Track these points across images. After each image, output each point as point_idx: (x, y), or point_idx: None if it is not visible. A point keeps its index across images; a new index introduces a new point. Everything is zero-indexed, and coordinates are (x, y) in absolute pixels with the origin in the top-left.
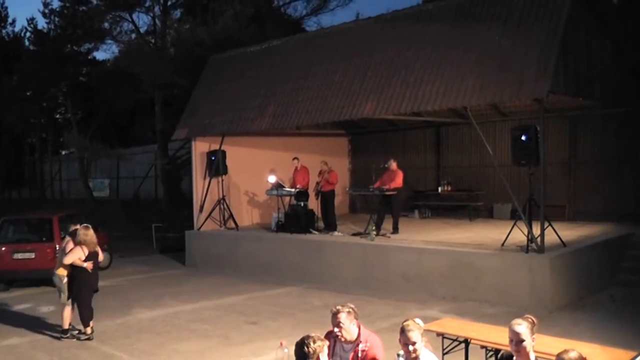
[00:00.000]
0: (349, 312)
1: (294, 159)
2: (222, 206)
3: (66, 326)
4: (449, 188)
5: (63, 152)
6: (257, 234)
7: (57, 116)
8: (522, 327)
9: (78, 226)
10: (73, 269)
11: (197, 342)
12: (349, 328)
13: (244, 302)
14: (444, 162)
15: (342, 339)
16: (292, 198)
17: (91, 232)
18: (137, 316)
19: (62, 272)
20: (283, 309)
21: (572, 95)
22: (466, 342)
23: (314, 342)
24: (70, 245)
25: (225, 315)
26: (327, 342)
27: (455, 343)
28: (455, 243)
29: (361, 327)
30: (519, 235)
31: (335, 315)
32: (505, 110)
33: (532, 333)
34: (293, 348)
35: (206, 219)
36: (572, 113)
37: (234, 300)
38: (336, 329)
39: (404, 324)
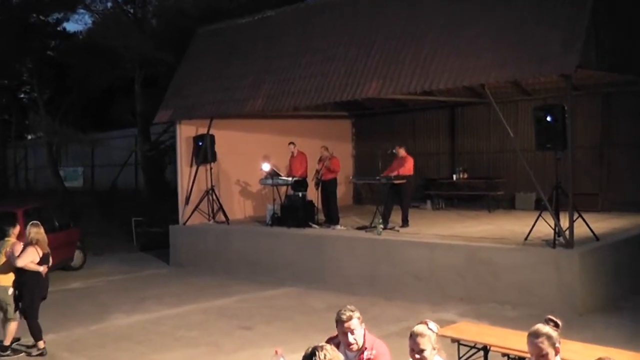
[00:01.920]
0: (359, 317)
1: (290, 143)
2: (210, 197)
3: (8, 342)
4: (465, 176)
5: (29, 137)
6: (250, 228)
7: (22, 96)
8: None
9: (17, 228)
10: (21, 274)
11: (183, 352)
12: (359, 334)
13: (235, 304)
14: (459, 147)
15: (354, 348)
16: (289, 188)
17: (42, 229)
18: (115, 322)
19: (6, 281)
20: (279, 311)
21: (605, 70)
22: (485, 349)
23: (327, 354)
24: (19, 246)
25: (214, 320)
26: (341, 356)
27: (473, 350)
28: (472, 237)
29: (366, 332)
30: (544, 227)
31: (346, 321)
32: (528, 87)
33: (555, 343)
34: (290, 357)
35: (193, 212)
36: (606, 90)
37: (225, 303)
38: (350, 337)
39: (415, 327)
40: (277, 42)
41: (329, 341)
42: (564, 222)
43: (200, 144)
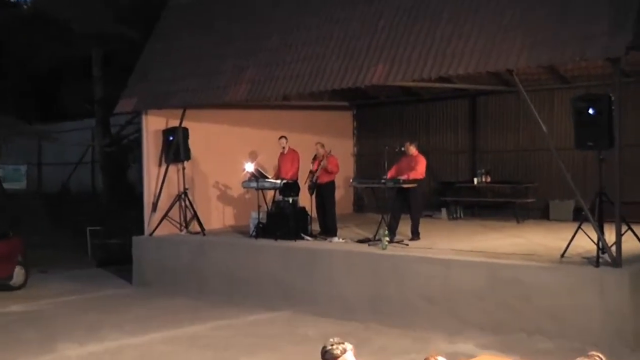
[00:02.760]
0: (352, 348)
1: (281, 137)
2: (183, 203)
3: None
4: (488, 179)
5: None
6: (230, 240)
7: None
8: None
9: None
10: None
11: None
12: None
13: (211, 332)
14: (481, 145)
15: None
16: (278, 192)
17: None
18: (65, 353)
19: None
20: (265, 340)
21: None
22: None
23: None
24: None
25: (184, 351)
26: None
27: None
28: (497, 253)
29: None
30: (585, 242)
31: (338, 356)
32: (566, 74)
33: None
34: None
35: (161, 221)
36: None
37: (198, 331)
38: None
39: None
40: (265, 18)
41: None
42: (610, 236)
43: (171, 138)
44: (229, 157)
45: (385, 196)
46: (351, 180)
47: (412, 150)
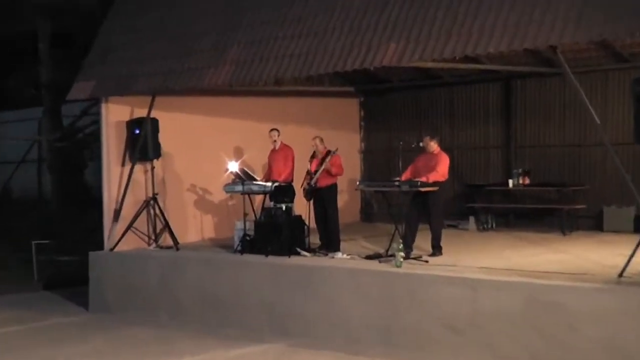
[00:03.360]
0: None
1: (272, 130)
2: (152, 211)
3: None
4: (527, 181)
5: None
6: (210, 256)
7: None
8: None
9: None
10: None
11: None
12: None
13: None
14: (517, 138)
15: None
16: (268, 197)
17: None
18: None
19: None
20: None
21: None
22: None
23: None
24: None
25: None
26: None
27: None
28: (538, 271)
29: None
30: None
31: None
32: (623, 51)
33: None
34: None
35: (125, 232)
36: None
37: None
38: None
39: None
40: None
41: None
42: None
43: (138, 132)
44: (208, 155)
45: (399, 202)
46: (357, 183)
47: (433, 146)
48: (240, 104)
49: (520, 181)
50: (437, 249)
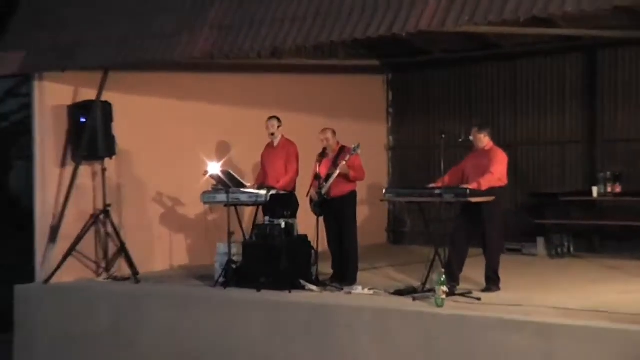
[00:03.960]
0: None
1: (270, 119)
2: (102, 229)
3: None
4: (618, 189)
5: None
6: (181, 291)
7: None
8: None
9: None
10: None
11: None
12: None
13: None
14: (605, 131)
15: None
16: (261, 211)
17: None
18: None
19: None
20: None
21: None
22: None
23: None
24: None
25: None
26: None
27: None
28: (633, 314)
29: None
30: None
31: None
32: None
33: None
34: None
35: (65, 258)
36: None
37: None
38: None
39: None
40: None
41: None
42: None
43: (84, 120)
44: (180, 153)
45: (440, 217)
46: (384, 191)
47: (482, 140)
48: (224, 83)
49: (609, 189)
50: (493, 282)
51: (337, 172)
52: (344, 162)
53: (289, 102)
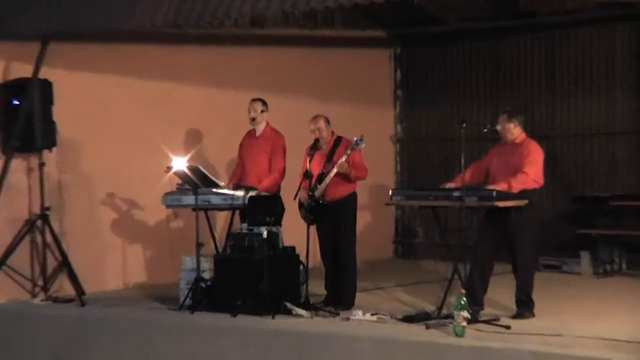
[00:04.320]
0: None
1: (254, 102)
2: (40, 238)
3: None
4: None
5: None
6: (139, 316)
7: None
8: None
9: None
10: None
11: None
12: None
13: None
14: None
15: None
16: (237, 215)
17: None
18: None
19: None
20: None
21: None
22: None
23: None
24: None
25: None
26: None
27: None
28: None
29: None
30: None
31: None
32: None
33: None
34: None
35: None
36: None
37: None
38: None
39: None
40: None
41: None
42: None
43: (17, 103)
44: (137, 144)
45: (460, 226)
46: (390, 193)
47: (514, 131)
48: (193, 58)
49: None
50: (525, 306)
51: (335, 171)
52: (344, 159)
53: (273, 83)
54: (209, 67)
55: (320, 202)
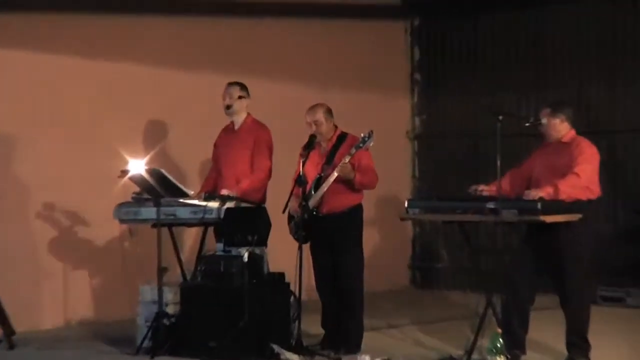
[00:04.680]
0: None
1: (231, 86)
2: None
3: None
4: None
5: None
6: None
7: None
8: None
9: None
10: None
11: None
12: None
13: None
14: None
15: None
16: (211, 233)
17: None
18: None
19: None
20: None
21: None
22: None
23: None
24: None
25: None
26: None
27: None
28: None
29: None
30: None
31: None
32: None
33: None
34: None
35: None
36: None
37: None
38: None
39: None
40: None
41: None
42: None
43: None
44: (83, 142)
45: (495, 246)
46: (406, 205)
47: (561, 127)
48: (154, 31)
49: None
50: (578, 350)
51: (335, 175)
52: (346, 160)
53: (257, 63)
54: (176, 43)
55: (315, 214)
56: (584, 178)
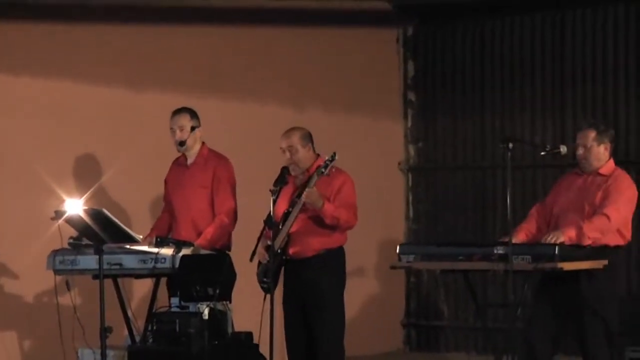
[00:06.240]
0: None
1: (178, 113)
2: None
3: None
4: None
5: None
6: None
7: None
8: None
9: None
10: None
11: None
12: None
13: None
14: None
15: None
16: (163, 285)
17: None
18: None
19: None
20: None
21: None
22: None
23: None
24: None
25: None
26: None
27: None
28: None
29: None
30: None
31: None
32: None
33: None
34: None
35: None
36: None
37: None
38: None
39: None
40: None
41: None
42: None
43: None
44: (10, 176)
45: (506, 300)
46: (398, 250)
47: (603, 156)
48: (97, 42)
49: None
50: None
51: (301, 203)
52: (312, 185)
53: (219, 78)
54: (123, 55)
55: (287, 258)
56: (614, 221)
